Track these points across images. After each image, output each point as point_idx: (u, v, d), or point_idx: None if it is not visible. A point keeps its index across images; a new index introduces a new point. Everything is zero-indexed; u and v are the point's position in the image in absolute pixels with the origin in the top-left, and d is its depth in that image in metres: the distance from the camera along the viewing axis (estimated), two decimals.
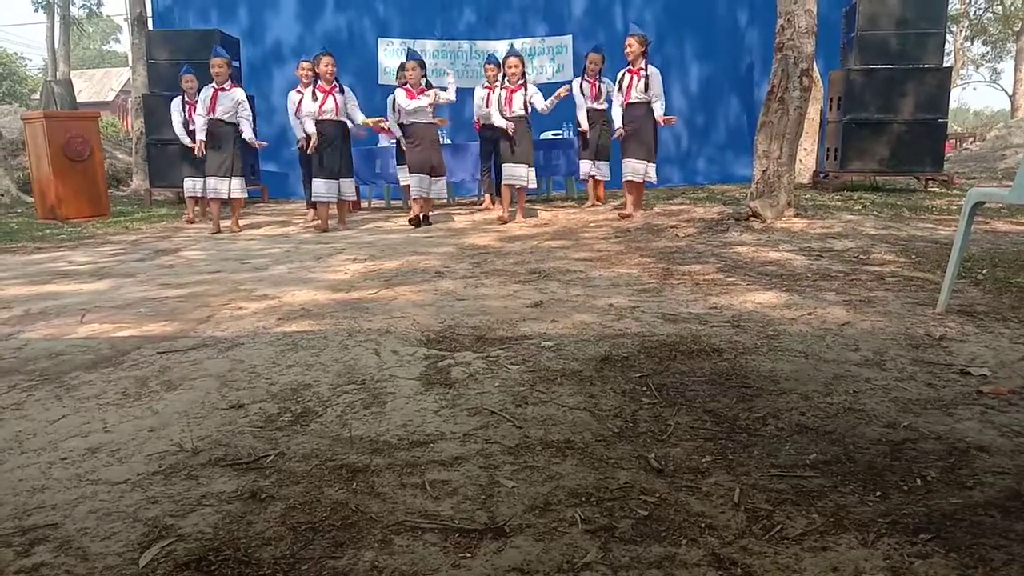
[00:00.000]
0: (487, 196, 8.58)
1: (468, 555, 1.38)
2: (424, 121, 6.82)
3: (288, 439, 1.96)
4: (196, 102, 7.33)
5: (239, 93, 7.04)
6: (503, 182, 7.17)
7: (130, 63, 13.41)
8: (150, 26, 11.82)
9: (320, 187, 6.89)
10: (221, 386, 2.40)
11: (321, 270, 4.70)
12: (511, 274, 4.33)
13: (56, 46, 20.25)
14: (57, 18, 21.59)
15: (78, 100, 16.08)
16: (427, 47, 11.00)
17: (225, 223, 7.23)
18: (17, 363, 2.73)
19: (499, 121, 6.92)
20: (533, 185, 7.19)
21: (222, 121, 6.92)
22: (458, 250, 5.44)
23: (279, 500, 1.61)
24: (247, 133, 7.06)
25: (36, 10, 23.81)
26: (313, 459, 1.82)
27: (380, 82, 10.96)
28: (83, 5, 26.48)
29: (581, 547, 1.40)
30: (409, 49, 8.72)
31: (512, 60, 6.97)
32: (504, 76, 7.01)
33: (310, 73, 7.37)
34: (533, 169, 7.07)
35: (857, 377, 2.34)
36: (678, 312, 3.26)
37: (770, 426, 1.97)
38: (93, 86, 39.92)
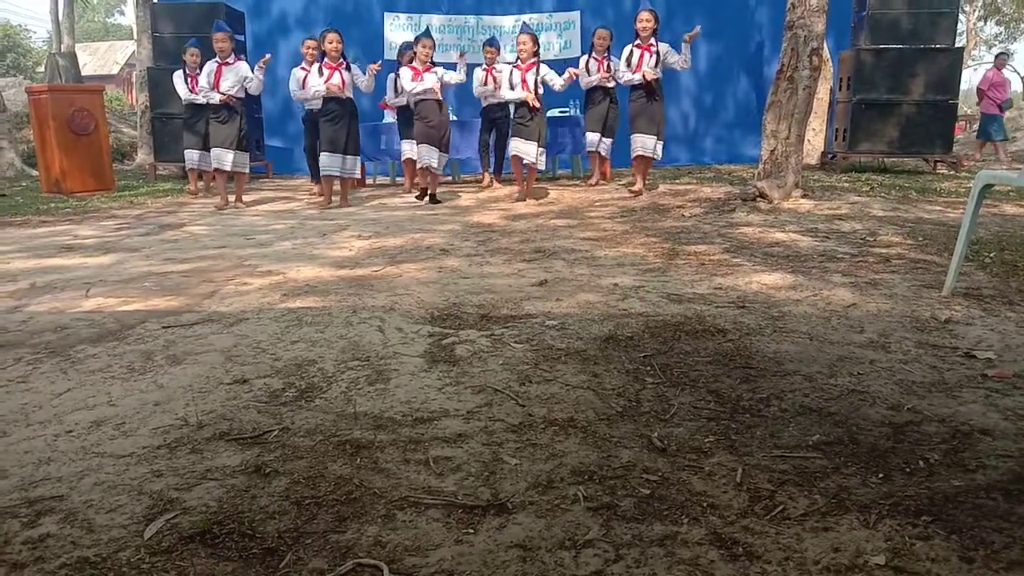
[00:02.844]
0: (485, 174, 8.53)
1: (471, 531, 1.39)
2: (433, 97, 6.77)
3: (292, 414, 1.96)
4: (198, 75, 7.28)
5: (243, 67, 7.00)
6: (511, 154, 7.10)
7: (135, 36, 13.33)
8: None
9: (326, 160, 6.86)
10: (226, 361, 2.41)
11: (325, 247, 4.70)
12: (516, 252, 4.32)
13: (60, 18, 20.10)
14: None
15: (82, 73, 16.03)
16: (433, 22, 10.89)
17: (230, 197, 7.22)
18: (23, 336, 2.74)
19: (512, 95, 6.88)
20: (541, 166, 7.12)
21: (227, 95, 6.88)
22: (463, 228, 5.42)
23: (283, 475, 1.62)
24: (256, 86, 7.05)
25: None
26: (317, 434, 1.83)
27: (385, 57, 10.86)
28: None
29: (583, 524, 1.40)
30: (428, 27, 8.71)
31: (522, 38, 6.91)
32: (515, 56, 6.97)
33: (314, 51, 7.32)
34: (544, 149, 6.98)
35: (862, 359, 2.33)
36: (683, 292, 3.25)
37: (773, 407, 1.97)
38: (98, 59, 39.70)
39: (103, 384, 2.22)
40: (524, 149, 6.88)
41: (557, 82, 6.90)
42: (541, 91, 6.87)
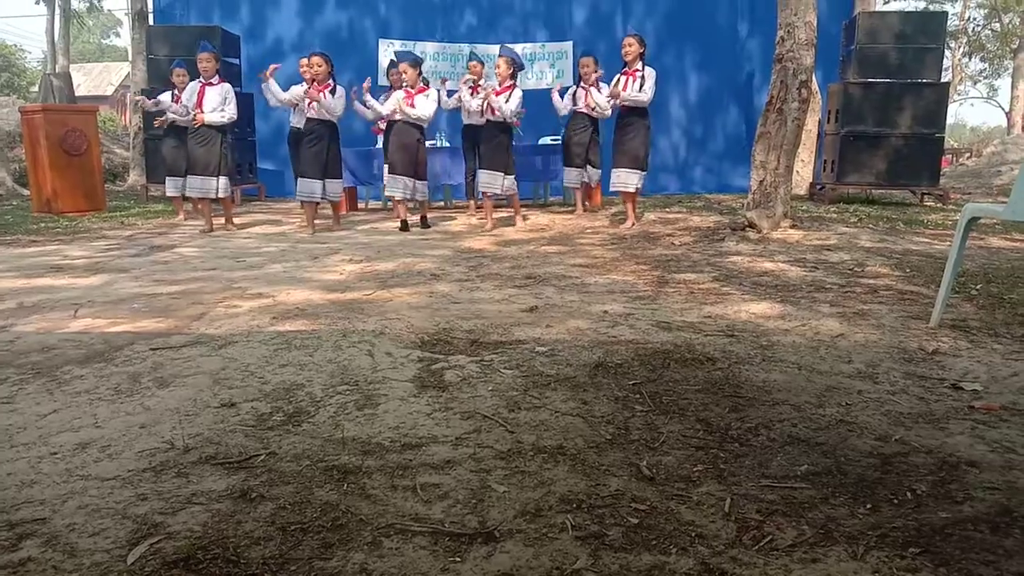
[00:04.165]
0: (472, 202, 8.55)
1: (458, 559, 1.38)
2: (410, 122, 6.71)
3: (280, 439, 1.95)
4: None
5: (227, 88, 6.87)
6: (479, 188, 7.11)
7: (130, 58, 13.38)
8: (151, 21, 11.80)
9: (303, 186, 6.79)
10: (213, 384, 2.39)
11: (317, 270, 4.69)
12: (507, 278, 4.33)
13: (56, 39, 20.20)
14: (58, 11, 21.54)
15: (77, 94, 16.05)
16: (427, 49, 10.99)
17: (218, 221, 7.17)
18: (9, 356, 2.72)
19: (473, 104, 6.86)
20: (507, 192, 6.96)
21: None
22: (454, 253, 5.44)
23: (269, 500, 1.61)
24: (208, 116, 6.68)
25: (37, 2, 23.75)
26: (304, 459, 1.82)
27: (380, 83, 10.97)
28: None
29: (571, 554, 1.39)
30: (397, 51, 8.68)
31: (498, 61, 6.82)
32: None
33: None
34: (511, 176, 6.87)
35: (849, 389, 2.34)
36: (672, 320, 3.26)
37: (762, 436, 1.97)
38: (92, 80, 39.81)
39: (89, 406, 2.20)
40: (487, 181, 6.84)
41: (509, 108, 6.71)
42: (506, 106, 6.72)
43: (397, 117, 6.73)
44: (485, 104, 6.77)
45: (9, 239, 6.31)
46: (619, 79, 6.81)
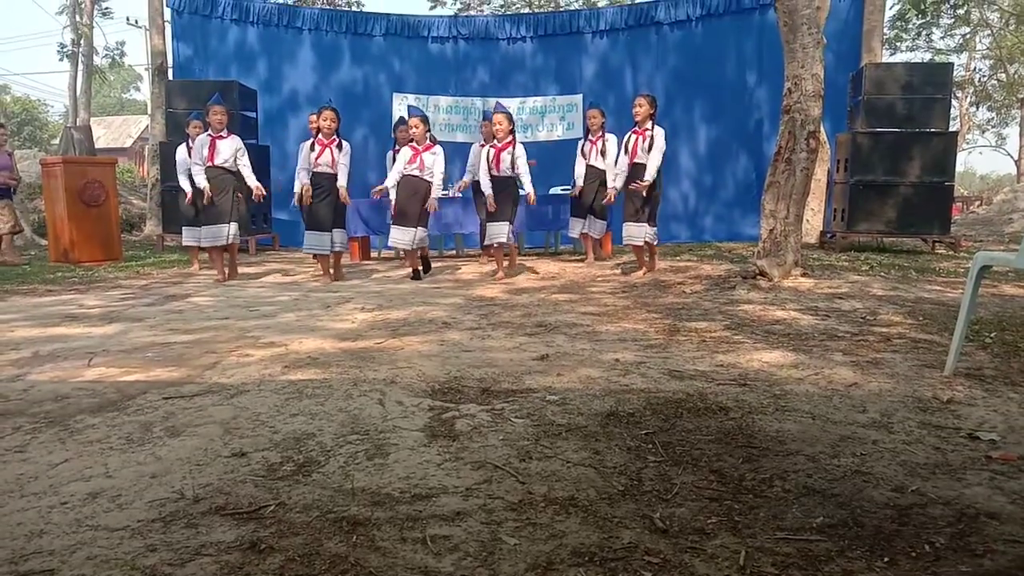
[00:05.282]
0: (484, 255, 8.61)
1: None
2: (417, 175, 6.81)
3: (289, 489, 1.94)
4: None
5: (237, 141, 6.97)
6: (486, 241, 7.25)
7: (149, 111, 13.70)
8: (170, 76, 12.11)
9: (311, 239, 6.85)
10: (224, 433, 2.39)
11: (329, 319, 4.72)
12: (518, 327, 4.33)
13: (78, 94, 20.74)
14: (80, 67, 22.16)
15: (96, 146, 16.44)
16: (440, 103, 11.24)
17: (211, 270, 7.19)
18: (23, 405, 2.74)
19: (485, 187, 6.98)
20: (510, 240, 7.03)
21: (222, 168, 6.84)
22: (465, 301, 5.45)
23: (278, 552, 1.59)
24: (251, 181, 6.92)
25: (61, 59, 24.45)
26: (314, 510, 1.81)
27: (393, 136, 11.18)
28: (106, 55, 27.22)
29: None
30: (409, 106, 8.85)
31: (497, 117, 6.91)
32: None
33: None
34: (512, 224, 6.97)
35: (864, 439, 2.32)
36: (684, 369, 3.25)
37: (776, 487, 1.94)
38: (112, 133, 40.71)
39: (100, 455, 2.20)
40: (494, 232, 6.92)
41: (520, 167, 6.88)
42: (520, 170, 6.86)
43: (412, 172, 6.83)
44: (509, 164, 6.88)
45: (26, 288, 6.39)
46: (629, 136, 6.90)
